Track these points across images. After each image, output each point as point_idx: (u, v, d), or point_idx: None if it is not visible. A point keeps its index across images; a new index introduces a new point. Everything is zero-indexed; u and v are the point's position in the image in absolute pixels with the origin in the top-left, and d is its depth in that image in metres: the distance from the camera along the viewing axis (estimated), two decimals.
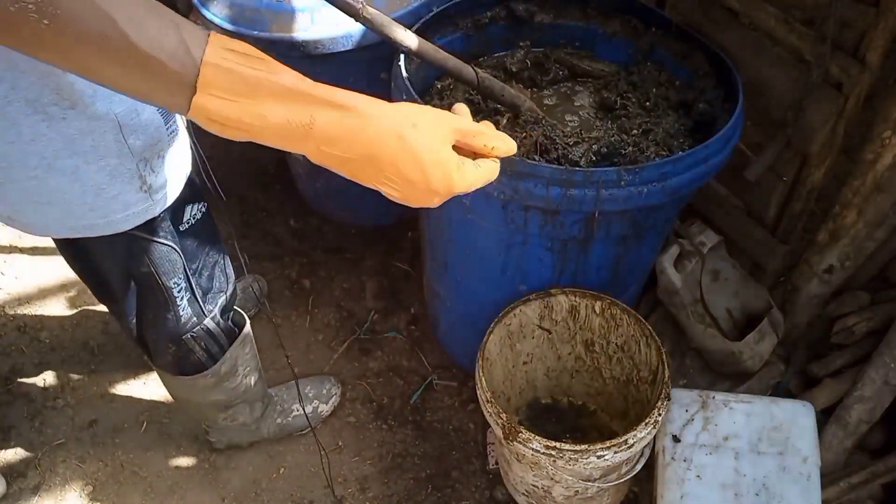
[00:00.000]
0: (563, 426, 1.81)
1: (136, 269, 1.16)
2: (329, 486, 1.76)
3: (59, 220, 1.02)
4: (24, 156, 0.94)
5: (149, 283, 1.21)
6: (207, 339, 1.40)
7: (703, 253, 1.75)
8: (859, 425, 1.64)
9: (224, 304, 1.42)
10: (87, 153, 0.97)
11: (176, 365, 1.42)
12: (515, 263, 1.52)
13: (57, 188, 0.98)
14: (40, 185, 0.97)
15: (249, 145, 0.67)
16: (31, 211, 1.00)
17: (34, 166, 0.95)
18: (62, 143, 0.95)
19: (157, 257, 1.16)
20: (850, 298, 1.87)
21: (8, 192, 0.97)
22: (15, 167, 0.95)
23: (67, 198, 1.00)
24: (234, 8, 1.73)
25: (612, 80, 1.62)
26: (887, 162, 1.44)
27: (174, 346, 1.36)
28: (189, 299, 1.29)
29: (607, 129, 1.45)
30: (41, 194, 0.98)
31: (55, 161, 0.96)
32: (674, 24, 1.62)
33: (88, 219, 1.03)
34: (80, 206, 1.01)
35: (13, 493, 1.77)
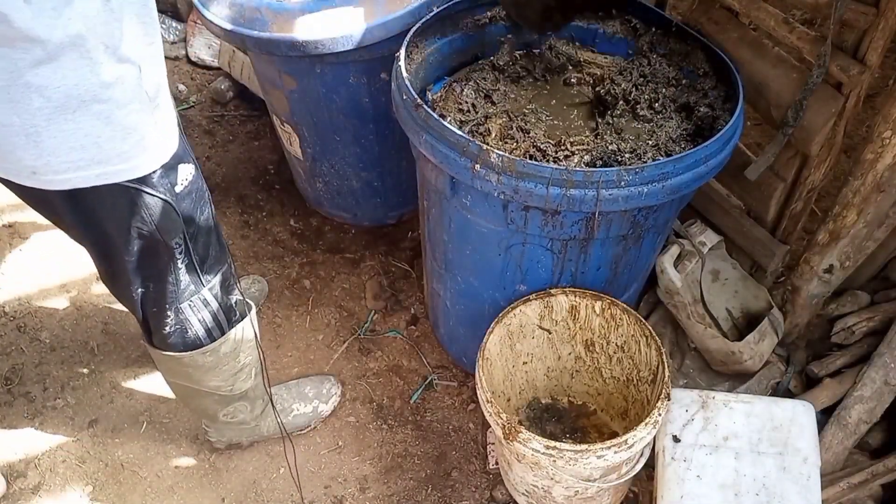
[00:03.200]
0: (563, 426, 1.81)
1: (139, 228, 1.20)
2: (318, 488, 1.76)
3: (89, 166, 1.07)
4: (67, 99, 0.99)
5: (151, 245, 1.24)
6: (204, 311, 1.42)
7: (703, 253, 1.75)
8: (859, 425, 1.64)
9: (223, 279, 1.44)
10: (118, 98, 1.04)
11: (174, 339, 1.43)
12: (515, 263, 1.52)
13: (91, 132, 1.04)
14: (77, 129, 1.02)
15: (249, 145, 0.66)
16: (64, 156, 1.04)
17: (74, 109, 1.01)
18: (100, 88, 1.01)
19: (159, 214, 1.20)
20: (850, 298, 1.87)
21: (45, 139, 1.02)
22: (58, 110, 1.00)
23: (100, 142, 1.05)
24: (234, 8, 1.73)
25: (626, 67, 1.62)
26: (887, 162, 1.44)
27: (172, 315, 1.38)
28: (187, 265, 1.33)
29: (603, 135, 1.46)
30: (77, 138, 1.03)
31: (93, 105, 1.02)
32: (674, 24, 1.62)
33: (114, 163, 1.09)
34: (109, 151, 1.07)
35: (13, 493, 1.77)
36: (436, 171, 1.42)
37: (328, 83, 1.83)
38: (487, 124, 1.47)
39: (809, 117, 1.47)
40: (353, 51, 1.69)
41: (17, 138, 1.01)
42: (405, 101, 1.41)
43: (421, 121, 1.36)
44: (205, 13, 1.77)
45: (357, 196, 2.24)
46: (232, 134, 2.73)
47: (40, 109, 0.99)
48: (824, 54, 1.36)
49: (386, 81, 1.81)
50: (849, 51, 1.39)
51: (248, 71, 2.66)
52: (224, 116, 2.79)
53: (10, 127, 1.00)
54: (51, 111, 0.99)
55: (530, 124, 1.47)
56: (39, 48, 0.93)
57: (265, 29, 1.70)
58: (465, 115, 1.51)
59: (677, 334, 1.92)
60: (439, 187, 1.46)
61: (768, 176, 1.65)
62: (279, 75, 1.88)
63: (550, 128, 1.51)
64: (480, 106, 1.53)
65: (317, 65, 1.78)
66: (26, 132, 1.00)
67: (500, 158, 1.25)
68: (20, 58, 0.93)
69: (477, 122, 1.48)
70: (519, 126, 1.45)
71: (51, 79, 0.97)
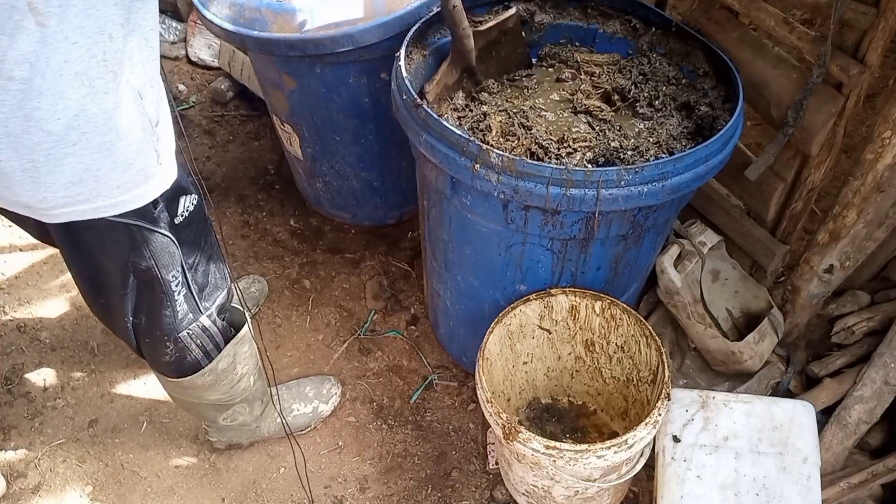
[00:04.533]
0: (563, 426, 1.81)
1: (136, 263, 1.18)
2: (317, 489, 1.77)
3: (87, 200, 1.04)
4: (68, 131, 0.95)
5: (148, 279, 1.22)
6: (203, 336, 1.40)
7: (703, 253, 1.75)
8: (859, 425, 1.64)
9: (221, 304, 1.42)
10: (119, 128, 1.00)
11: (173, 366, 1.42)
12: (515, 263, 1.52)
13: (91, 165, 1.00)
14: (76, 162, 0.99)
15: (249, 145, 0.67)
16: (62, 191, 1.01)
17: (74, 142, 0.97)
18: (102, 119, 0.97)
19: (158, 248, 1.18)
20: (850, 298, 1.87)
21: (43, 175, 0.98)
22: (58, 145, 0.96)
23: (99, 175, 1.02)
24: (234, 8, 1.73)
25: (626, 65, 1.62)
26: (887, 162, 1.44)
27: (171, 345, 1.36)
28: (185, 295, 1.30)
29: (605, 132, 1.46)
30: (75, 172, 0.99)
31: (94, 137, 0.98)
32: (674, 24, 1.62)
33: (114, 196, 1.05)
34: (109, 183, 1.03)
35: (13, 493, 1.77)
36: (436, 171, 1.42)
37: (328, 83, 1.83)
38: (487, 121, 1.47)
39: (809, 117, 1.47)
40: (353, 51, 1.69)
41: (14, 175, 0.96)
42: (405, 101, 1.41)
43: (421, 121, 1.36)
44: (205, 13, 1.78)
45: (357, 196, 2.24)
46: (232, 134, 2.73)
47: (39, 144, 0.94)
48: (824, 54, 1.36)
49: (386, 81, 1.81)
50: (849, 51, 1.39)
51: (248, 71, 2.66)
52: (224, 116, 2.79)
53: (6, 162, 0.95)
54: (50, 145, 0.95)
55: (531, 121, 1.47)
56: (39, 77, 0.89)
57: (265, 29, 1.70)
58: (461, 112, 1.51)
59: (677, 334, 1.92)
60: (439, 187, 1.46)
61: (768, 176, 1.65)
62: (279, 75, 1.88)
63: (550, 123, 1.50)
64: (475, 106, 1.53)
65: (317, 65, 1.78)
66: (23, 168, 0.96)
67: (500, 158, 1.25)
68: (18, 89, 0.89)
69: (476, 118, 1.48)
70: (520, 122, 1.45)
71: (51, 111, 0.92)
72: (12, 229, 2.36)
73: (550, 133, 1.45)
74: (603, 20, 1.72)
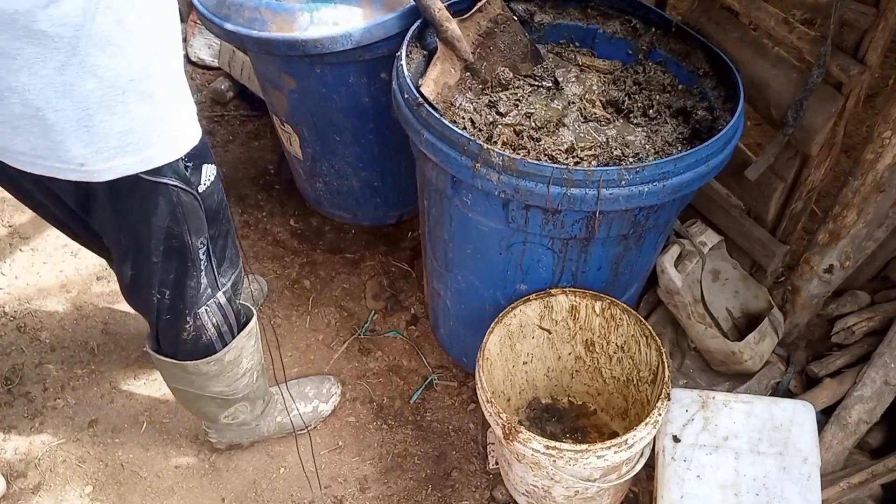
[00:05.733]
0: (563, 426, 1.81)
1: (171, 228, 1.21)
2: (320, 487, 1.77)
3: (136, 150, 1.07)
4: (117, 78, 0.99)
5: (179, 246, 1.25)
6: (218, 315, 1.42)
7: (703, 253, 1.75)
8: (859, 425, 1.64)
9: (235, 282, 1.45)
10: (159, 76, 1.04)
11: (189, 345, 1.43)
12: (516, 262, 1.52)
13: (137, 112, 1.04)
14: (125, 110, 1.02)
15: (249, 145, 0.67)
16: (115, 141, 1.04)
17: (123, 90, 1.00)
18: (145, 66, 1.01)
19: (190, 212, 1.21)
20: (850, 298, 1.87)
21: (97, 122, 1.01)
22: (109, 92, 0.99)
23: (144, 123, 1.05)
24: (233, 8, 1.73)
25: (620, 75, 1.62)
26: (887, 162, 1.44)
27: (191, 321, 1.39)
28: (207, 267, 1.33)
29: (609, 141, 1.46)
30: (125, 121, 1.03)
31: (140, 84, 1.02)
32: (674, 24, 1.62)
33: (157, 146, 1.09)
34: (151, 133, 1.07)
35: (13, 493, 1.77)
36: (436, 170, 1.42)
37: (328, 83, 1.83)
38: (497, 135, 1.46)
39: (809, 117, 1.47)
40: (353, 50, 1.69)
41: (69, 124, 0.99)
42: (406, 100, 1.41)
43: (422, 120, 1.36)
44: (205, 13, 1.77)
45: (357, 196, 2.24)
46: (232, 134, 2.73)
47: (93, 91, 0.98)
48: (824, 54, 1.36)
49: (386, 81, 1.81)
50: (849, 51, 1.39)
51: (248, 71, 2.66)
52: (224, 116, 2.79)
53: (62, 112, 0.98)
54: (103, 92, 0.98)
55: (540, 132, 1.47)
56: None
57: (265, 29, 1.70)
58: (475, 122, 1.50)
59: (677, 334, 1.92)
60: (440, 186, 1.46)
61: (768, 176, 1.65)
62: (279, 75, 1.88)
63: (545, 122, 1.50)
64: (483, 114, 1.51)
65: (317, 65, 1.78)
66: (78, 117, 0.99)
67: (501, 157, 1.25)
68: (72, 35, 0.93)
69: (487, 133, 1.47)
70: (529, 135, 1.45)
71: (101, 57, 0.96)
72: (13, 229, 2.35)
73: (558, 144, 1.44)
74: (603, 20, 1.72)
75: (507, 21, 1.61)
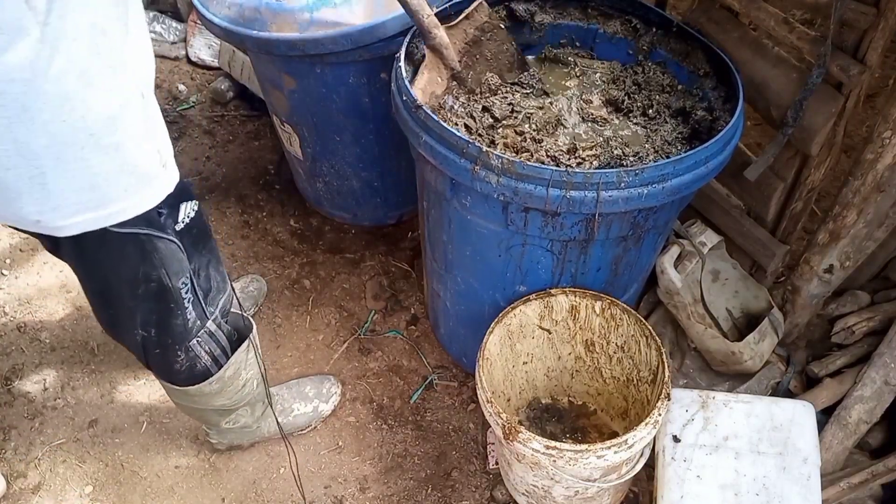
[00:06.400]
0: (563, 426, 1.81)
1: (147, 273, 1.16)
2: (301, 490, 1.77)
3: (98, 206, 1.01)
4: (75, 133, 0.93)
5: (158, 290, 1.21)
6: (211, 342, 1.40)
7: (703, 253, 1.75)
8: (859, 425, 1.64)
9: (223, 306, 1.42)
10: (126, 129, 0.98)
11: (184, 374, 1.42)
12: (515, 264, 1.52)
13: (100, 169, 0.98)
14: (85, 166, 0.96)
15: (249, 145, 0.67)
16: (73, 197, 0.98)
17: (82, 145, 0.94)
18: (108, 119, 0.95)
19: (167, 256, 1.17)
20: (850, 298, 1.87)
21: (52, 180, 0.95)
22: (66, 148, 0.93)
23: (108, 178, 1.00)
24: (233, 8, 1.73)
25: (620, 75, 1.62)
26: (887, 162, 1.44)
27: (182, 354, 1.36)
28: (193, 301, 1.30)
29: (609, 141, 1.45)
30: (85, 177, 0.97)
31: (101, 138, 0.96)
32: (674, 24, 1.62)
33: (122, 200, 1.04)
34: (117, 186, 1.01)
35: (13, 493, 1.77)
36: (435, 173, 1.42)
37: (328, 83, 1.83)
38: (499, 139, 1.45)
39: (809, 117, 1.47)
40: (353, 51, 1.69)
41: (21, 183, 0.93)
42: (405, 103, 1.41)
43: (421, 122, 1.36)
44: (205, 13, 1.77)
45: (357, 196, 2.24)
46: (232, 134, 2.73)
47: (47, 148, 0.92)
48: (824, 54, 1.36)
49: (386, 81, 1.81)
50: (849, 51, 1.39)
51: (248, 71, 2.66)
52: (224, 116, 2.79)
53: (13, 170, 0.92)
54: (58, 149, 0.92)
55: (541, 133, 1.46)
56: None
57: (265, 29, 1.70)
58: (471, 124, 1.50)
59: (677, 334, 1.92)
60: (439, 188, 1.46)
61: (768, 176, 1.65)
62: (279, 75, 1.88)
63: (560, 133, 1.50)
64: (478, 118, 1.51)
65: (317, 65, 1.78)
66: (31, 175, 0.93)
67: (500, 160, 1.25)
68: (20, 91, 0.87)
69: (489, 137, 1.46)
70: (532, 137, 1.44)
71: (56, 112, 0.90)
72: (12, 229, 2.35)
73: (560, 145, 1.44)
74: (603, 20, 1.72)
75: (494, 29, 1.59)
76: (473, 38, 1.55)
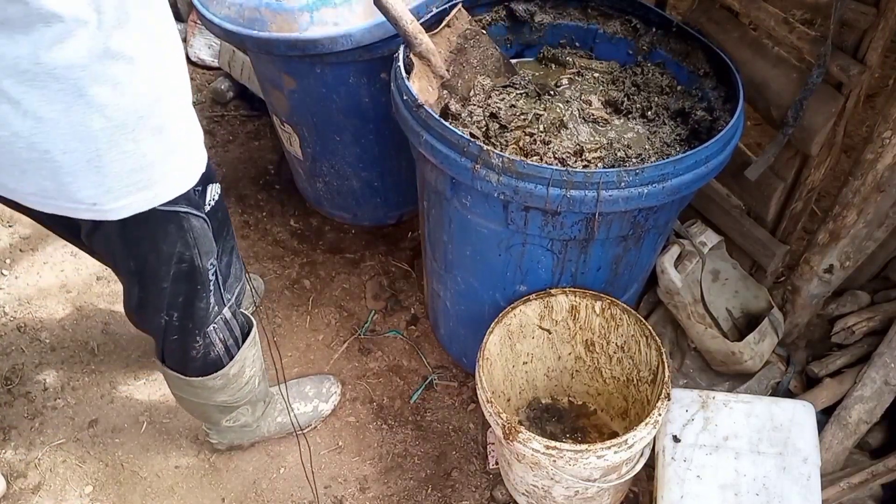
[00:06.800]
0: (563, 426, 1.81)
1: (181, 253, 1.20)
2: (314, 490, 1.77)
3: (147, 187, 1.06)
4: (126, 116, 0.98)
5: (189, 270, 1.24)
6: (225, 330, 1.43)
7: (703, 253, 1.75)
8: (859, 425, 1.64)
9: (238, 293, 1.46)
10: (169, 111, 1.04)
11: (198, 362, 1.44)
12: (515, 264, 1.52)
13: (148, 150, 1.03)
14: (136, 148, 1.01)
15: (249, 145, 0.67)
16: (126, 179, 1.02)
17: (133, 128, 0.99)
18: (154, 100, 1.01)
19: (200, 235, 1.21)
20: (850, 298, 1.87)
21: (107, 163, 0.99)
22: (118, 130, 0.98)
23: (155, 160, 1.04)
24: (233, 8, 1.73)
25: (619, 76, 1.62)
26: (887, 162, 1.44)
27: (200, 340, 1.38)
28: (215, 285, 1.33)
29: (612, 143, 1.45)
30: (135, 159, 1.02)
31: (149, 121, 1.01)
32: (674, 24, 1.62)
33: (168, 180, 1.09)
34: (163, 167, 1.06)
35: (13, 493, 1.77)
36: (436, 172, 1.42)
37: (328, 83, 1.83)
38: (510, 141, 1.45)
39: (809, 117, 1.47)
40: (353, 51, 1.69)
41: (79, 165, 0.97)
42: (405, 102, 1.41)
43: (421, 121, 1.36)
44: (205, 13, 1.77)
45: (357, 196, 2.24)
46: (232, 134, 2.73)
47: (102, 130, 0.96)
48: (824, 54, 1.36)
49: (386, 81, 1.81)
50: (849, 51, 1.39)
51: (248, 71, 2.66)
52: (224, 116, 2.79)
53: (70, 154, 0.96)
54: (111, 132, 0.97)
55: (549, 134, 1.46)
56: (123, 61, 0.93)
57: (265, 29, 1.70)
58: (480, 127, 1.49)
59: (677, 334, 1.92)
60: (439, 188, 1.46)
61: (768, 176, 1.65)
62: (279, 75, 1.88)
63: (549, 125, 1.50)
64: (486, 122, 1.50)
65: (317, 65, 1.78)
66: (88, 158, 0.97)
67: (501, 159, 1.25)
68: (78, 77, 0.91)
69: (499, 142, 1.46)
70: (541, 139, 1.44)
71: (110, 96, 0.94)
72: (12, 229, 2.35)
73: (567, 147, 1.44)
74: (603, 20, 1.72)
75: (476, 35, 1.58)
76: (458, 47, 1.55)
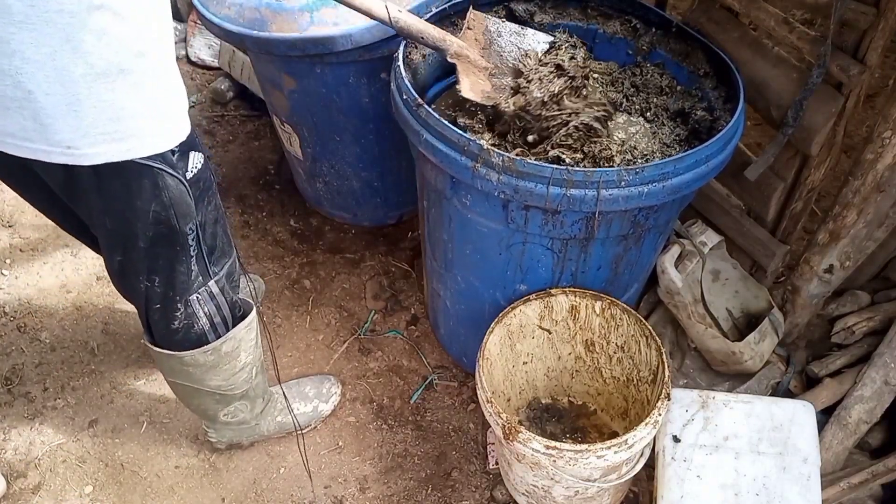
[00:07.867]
0: (563, 426, 1.81)
1: (157, 212, 1.22)
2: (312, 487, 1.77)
3: (122, 138, 1.08)
4: (108, 66, 1.01)
5: (167, 232, 1.25)
6: (210, 304, 1.42)
7: (703, 253, 1.75)
8: (859, 425, 1.64)
9: (229, 273, 1.45)
10: (152, 68, 1.08)
11: (180, 334, 1.43)
12: (516, 263, 1.52)
13: (126, 103, 1.06)
14: (115, 98, 1.04)
15: (249, 145, 0.67)
16: (102, 127, 1.05)
17: (113, 78, 1.02)
18: (136, 54, 1.04)
19: (177, 197, 1.22)
20: (850, 298, 1.87)
21: (86, 108, 1.03)
22: (99, 79, 1.01)
23: (134, 113, 1.07)
24: (233, 8, 1.73)
25: (618, 77, 1.62)
26: (887, 162, 1.44)
27: (181, 308, 1.38)
28: (197, 254, 1.33)
29: (625, 140, 1.45)
30: (114, 109, 1.05)
31: (130, 75, 1.04)
32: (674, 24, 1.62)
33: (144, 136, 1.11)
34: (140, 122, 1.09)
35: (13, 493, 1.77)
36: (436, 171, 1.42)
37: (328, 83, 1.83)
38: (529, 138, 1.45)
39: (809, 117, 1.47)
40: (353, 51, 1.69)
41: (58, 108, 1.02)
42: (405, 101, 1.41)
43: (421, 120, 1.36)
44: (205, 13, 1.77)
45: (357, 196, 2.24)
46: (232, 134, 2.73)
47: (84, 77, 1.00)
48: (824, 54, 1.36)
49: (386, 81, 1.81)
50: (849, 51, 1.39)
51: (248, 71, 2.66)
52: (224, 116, 2.79)
53: (52, 96, 1.00)
54: (93, 79, 1.01)
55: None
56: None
57: (265, 29, 1.70)
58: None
59: (677, 334, 1.92)
60: (439, 187, 1.46)
61: (768, 176, 1.65)
62: (279, 75, 1.88)
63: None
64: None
65: (317, 65, 1.78)
66: (68, 102, 1.01)
67: (501, 158, 1.25)
68: (67, 22, 0.95)
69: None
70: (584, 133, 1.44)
71: (95, 44, 0.98)
72: (12, 229, 2.35)
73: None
74: (603, 20, 1.72)
75: (498, 26, 1.59)
76: (486, 43, 1.56)
